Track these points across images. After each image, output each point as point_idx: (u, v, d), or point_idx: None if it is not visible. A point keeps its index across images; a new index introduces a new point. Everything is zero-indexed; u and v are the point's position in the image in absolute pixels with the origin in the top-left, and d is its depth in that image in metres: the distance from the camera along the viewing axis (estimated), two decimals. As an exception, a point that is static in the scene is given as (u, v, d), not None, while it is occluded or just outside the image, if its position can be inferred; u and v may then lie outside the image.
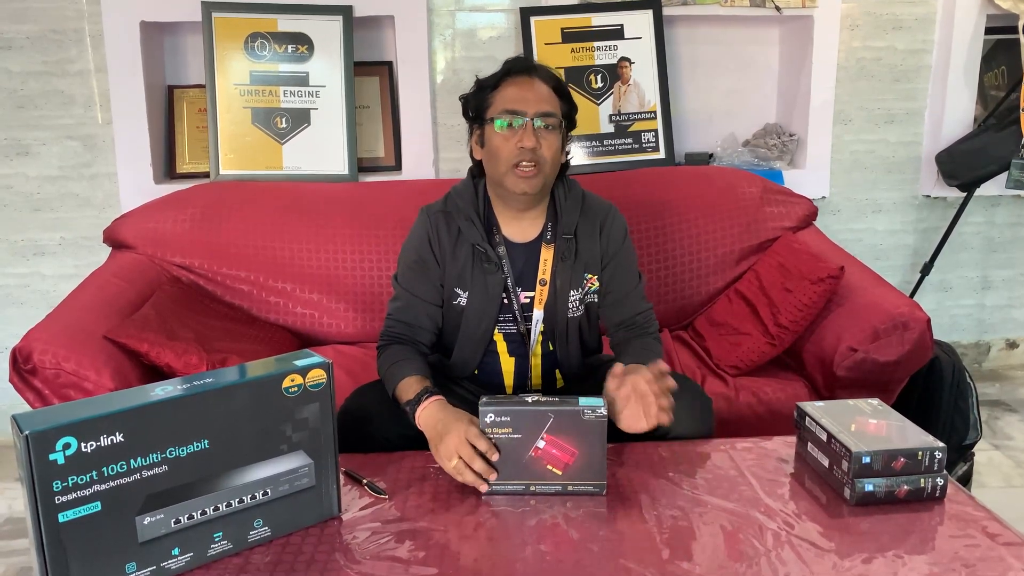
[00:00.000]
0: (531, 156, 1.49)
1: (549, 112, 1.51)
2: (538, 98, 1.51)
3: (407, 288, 1.61)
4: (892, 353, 1.80)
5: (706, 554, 1.14)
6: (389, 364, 1.53)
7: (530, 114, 1.49)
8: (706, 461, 1.42)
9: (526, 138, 1.49)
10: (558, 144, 1.54)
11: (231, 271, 2.16)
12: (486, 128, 1.54)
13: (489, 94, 1.54)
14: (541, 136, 1.50)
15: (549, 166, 1.53)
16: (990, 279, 3.03)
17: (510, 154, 1.50)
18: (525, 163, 1.50)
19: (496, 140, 1.52)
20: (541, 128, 1.50)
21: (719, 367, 2.02)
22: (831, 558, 1.12)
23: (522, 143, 1.49)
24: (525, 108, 1.50)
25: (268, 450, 1.15)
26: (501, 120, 1.50)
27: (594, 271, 1.63)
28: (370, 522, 1.23)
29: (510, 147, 1.50)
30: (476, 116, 1.57)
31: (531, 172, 1.50)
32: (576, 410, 1.27)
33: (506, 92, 1.53)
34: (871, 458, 1.23)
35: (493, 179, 1.57)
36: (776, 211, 2.34)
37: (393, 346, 1.57)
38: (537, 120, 1.50)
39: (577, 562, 1.12)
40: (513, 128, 1.50)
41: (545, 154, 1.51)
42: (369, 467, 1.39)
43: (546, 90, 1.53)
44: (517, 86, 1.52)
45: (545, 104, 1.51)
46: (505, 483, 1.28)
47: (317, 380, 1.18)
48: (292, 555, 1.15)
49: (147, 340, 1.75)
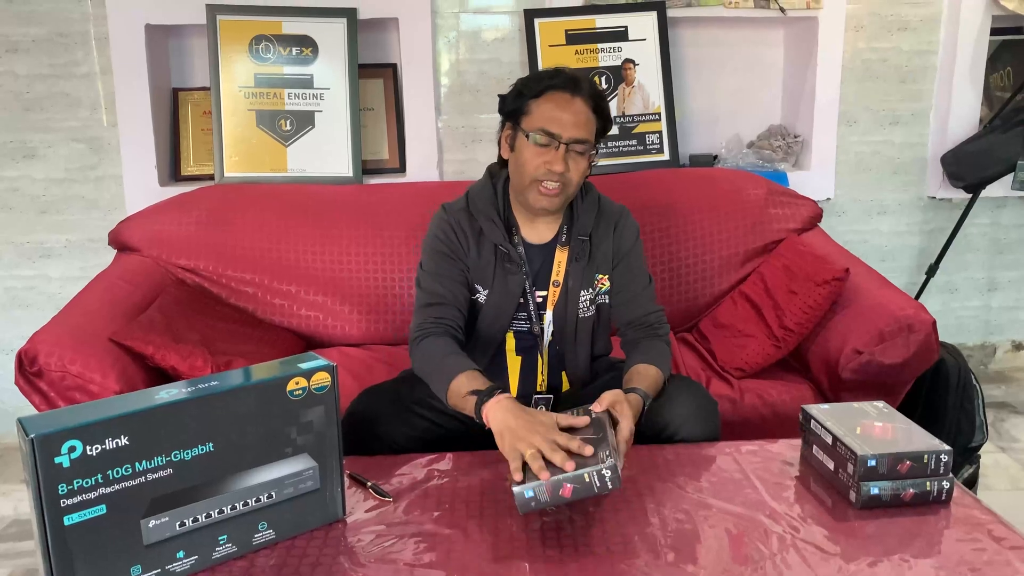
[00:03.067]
0: (558, 178, 1.50)
1: (584, 139, 1.51)
2: (575, 122, 1.50)
3: (435, 270, 1.58)
4: (898, 355, 1.79)
5: (711, 557, 1.14)
6: (439, 358, 1.47)
7: (564, 138, 1.49)
8: (711, 464, 1.41)
9: (556, 162, 1.49)
10: (586, 166, 1.55)
11: (236, 273, 2.16)
12: (518, 134, 1.54)
13: (528, 102, 1.52)
14: (571, 159, 1.51)
15: (573, 187, 1.55)
16: (996, 280, 3.02)
17: (536, 169, 1.51)
18: (550, 183, 1.51)
19: (526, 153, 1.52)
20: (573, 153, 1.51)
21: (724, 369, 2.02)
22: (836, 562, 1.12)
23: (551, 166, 1.50)
24: (561, 131, 1.49)
25: (273, 453, 1.15)
26: (535, 136, 1.50)
27: (605, 271, 1.64)
28: (375, 525, 1.23)
29: (538, 163, 1.51)
30: (511, 117, 1.56)
31: (554, 191, 1.52)
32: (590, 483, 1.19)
33: (545, 108, 1.51)
34: (877, 461, 1.23)
35: (516, 185, 1.58)
36: (781, 213, 2.33)
37: (436, 338, 1.51)
38: (571, 145, 1.50)
39: (582, 565, 1.12)
40: (545, 147, 1.50)
41: (572, 177, 1.53)
42: (374, 469, 1.39)
43: (585, 113, 1.51)
44: (557, 104, 1.50)
45: (582, 130, 1.51)
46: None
47: (321, 383, 1.18)
48: (297, 558, 1.15)
49: (152, 343, 1.75)
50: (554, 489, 1.16)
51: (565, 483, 1.16)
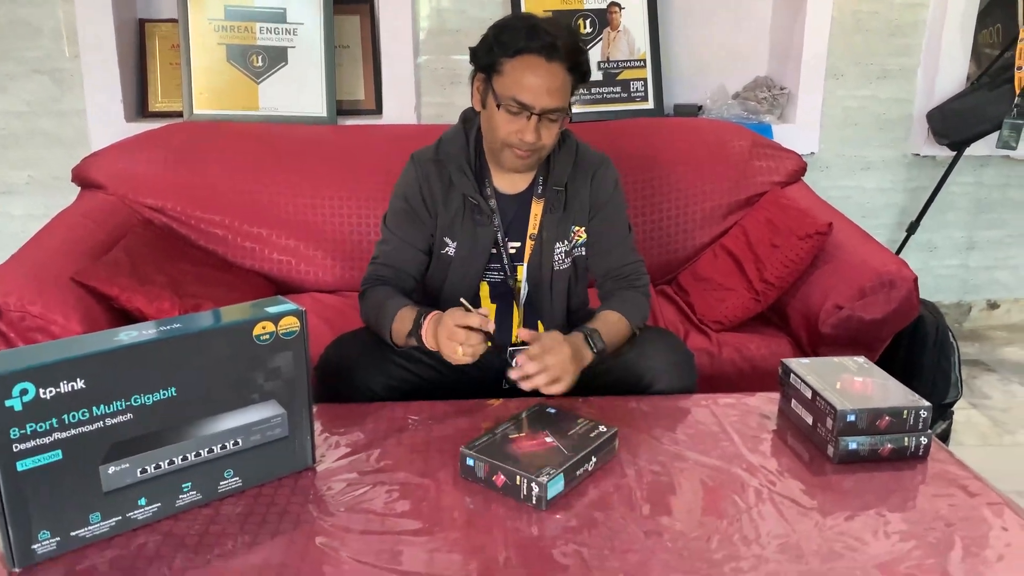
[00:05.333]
0: (529, 146, 1.45)
1: (557, 108, 1.43)
2: (550, 90, 1.41)
3: (396, 233, 1.57)
4: (878, 311, 1.78)
5: (686, 510, 1.12)
6: (379, 304, 1.49)
7: (537, 109, 1.42)
8: (687, 416, 1.40)
9: (528, 132, 1.43)
10: (559, 128, 1.49)
11: (205, 215, 2.09)
12: (489, 94, 1.45)
13: (500, 59, 1.42)
14: (543, 127, 1.45)
15: (547, 149, 1.50)
16: (975, 240, 3.02)
17: (509, 136, 1.45)
18: (522, 148, 1.45)
19: (497, 118, 1.45)
20: (546, 120, 1.44)
21: (703, 322, 2.00)
22: (813, 516, 1.11)
23: (523, 135, 1.43)
24: (534, 102, 1.41)
25: (239, 399, 1.11)
26: (507, 103, 1.42)
27: (581, 223, 1.59)
28: (346, 473, 1.20)
29: (510, 130, 1.44)
30: (483, 70, 1.47)
31: (526, 155, 1.47)
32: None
33: (518, 72, 1.41)
34: (856, 416, 1.21)
35: (488, 143, 1.52)
36: (765, 165, 2.30)
37: (378, 287, 1.54)
38: (543, 115, 1.43)
39: (556, 517, 1.10)
40: (516, 116, 1.43)
41: (545, 143, 1.47)
42: (346, 418, 1.36)
43: (561, 78, 1.42)
44: (531, 70, 1.40)
45: (556, 98, 1.42)
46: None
47: (290, 328, 1.13)
48: (264, 506, 1.11)
49: (117, 284, 1.69)
50: (490, 472, 1.15)
51: (500, 472, 1.14)
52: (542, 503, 1.11)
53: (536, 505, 1.11)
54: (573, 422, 1.26)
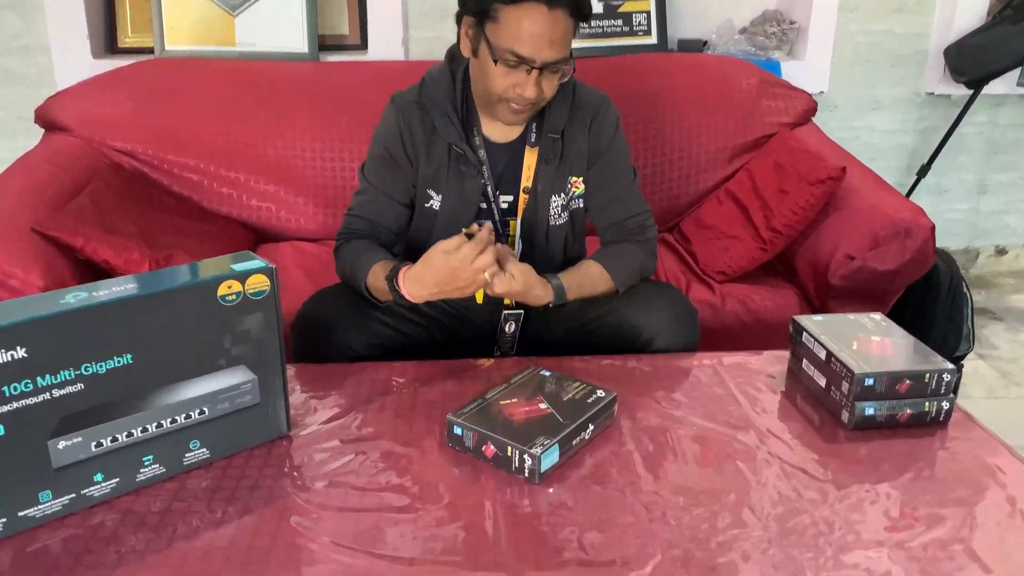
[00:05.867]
0: (528, 100, 1.31)
1: (560, 59, 1.29)
2: (552, 41, 1.26)
3: (374, 183, 1.45)
4: (892, 262, 1.68)
5: (690, 483, 1.04)
6: (353, 259, 1.38)
7: (538, 63, 1.27)
8: (690, 377, 1.31)
9: (528, 87, 1.29)
10: (560, 78, 1.35)
11: (179, 159, 1.97)
12: (483, 42, 1.30)
13: (494, 4, 1.26)
14: (544, 79, 1.31)
15: (546, 100, 1.36)
16: (987, 183, 2.90)
17: (505, 91, 1.31)
18: (519, 103, 1.32)
19: (492, 70, 1.30)
20: (547, 73, 1.30)
21: (705, 273, 1.90)
22: (824, 485, 1.03)
23: (522, 90, 1.30)
24: (534, 55, 1.26)
25: (204, 365, 1.02)
26: (504, 57, 1.28)
27: (579, 173, 1.47)
28: (324, 442, 1.11)
29: (506, 84, 1.30)
30: (473, 14, 1.30)
31: (524, 109, 1.34)
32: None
33: (516, 22, 1.25)
34: (875, 380, 1.12)
35: (479, 94, 1.38)
36: (774, 105, 2.17)
37: (353, 242, 1.43)
38: (545, 68, 1.29)
39: (550, 491, 1.02)
40: (515, 69, 1.29)
41: (546, 94, 1.33)
42: (325, 380, 1.27)
43: (564, 25, 1.27)
44: (532, 20, 1.24)
45: (558, 49, 1.28)
46: None
47: (259, 287, 1.03)
48: (234, 479, 1.03)
49: (82, 234, 1.58)
50: (479, 441, 1.06)
51: (490, 442, 1.05)
52: (535, 476, 1.02)
53: (529, 478, 1.03)
54: (569, 386, 1.17)
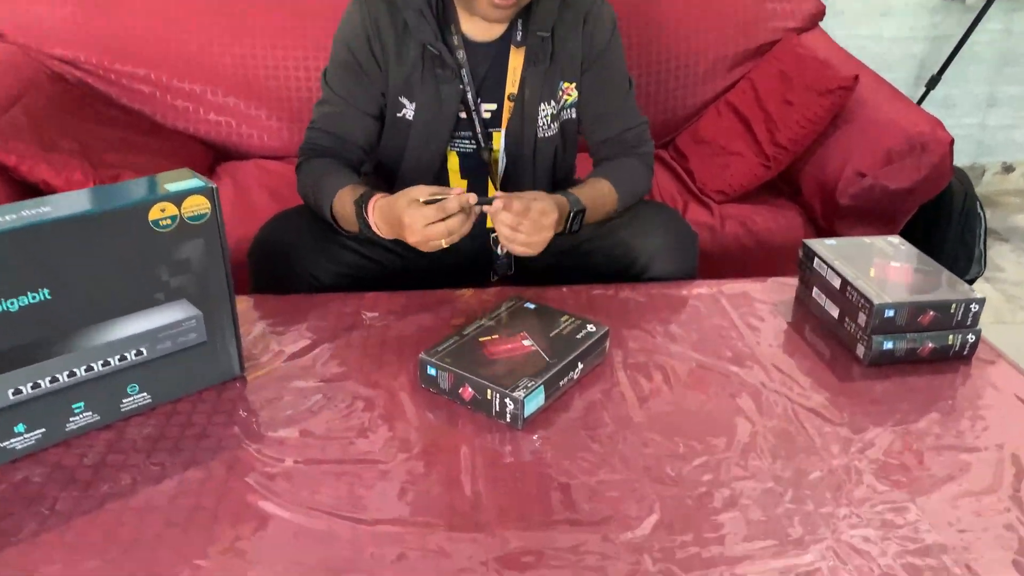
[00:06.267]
0: None
1: None
2: None
3: (338, 92, 1.29)
4: (906, 180, 1.56)
5: (690, 423, 0.94)
6: (315, 181, 1.24)
7: None
8: (689, 308, 1.19)
9: None
10: None
11: (127, 68, 1.79)
12: None
13: None
14: None
15: None
16: (997, 96, 2.75)
17: None
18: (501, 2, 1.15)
19: None
20: None
21: (703, 192, 1.77)
22: (839, 429, 0.93)
23: None
24: None
25: (139, 300, 0.89)
26: None
27: (572, 78, 1.31)
28: (282, 384, 1.00)
29: None
30: None
31: (508, 2, 1.15)
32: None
33: None
34: (895, 311, 1.01)
35: None
36: (779, 8, 1.99)
37: (316, 160, 1.28)
38: None
39: (534, 438, 0.91)
40: None
41: None
42: (285, 313, 1.15)
43: None
44: None
45: None
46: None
47: (198, 211, 0.89)
48: (178, 427, 0.92)
49: (16, 151, 1.43)
50: (456, 383, 0.95)
51: (467, 384, 0.94)
52: (518, 421, 0.92)
53: (511, 423, 0.92)
54: (556, 320, 1.05)
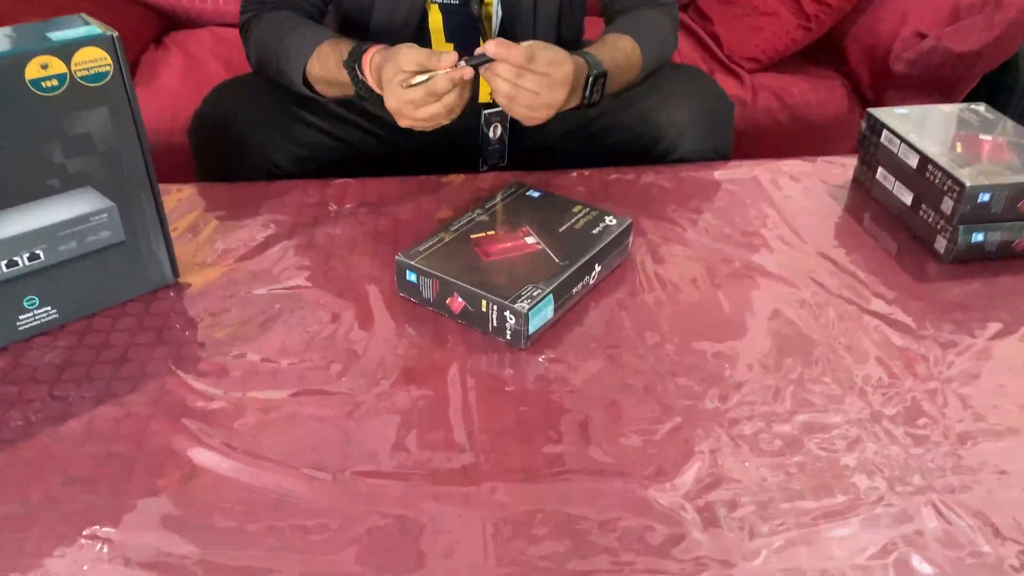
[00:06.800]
0: None
1: None
2: None
3: None
4: (974, 41, 1.33)
5: (735, 340, 0.75)
6: (278, 37, 1.00)
7: None
8: (725, 194, 1.00)
9: None
10: None
11: (51, -85, 1.52)
12: None
13: None
14: None
15: None
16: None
17: None
18: None
19: None
20: None
21: (731, 60, 1.56)
22: (923, 344, 0.74)
23: None
24: None
25: (25, 189, 0.69)
26: None
27: None
28: (226, 294, 0.81)
29: None
30: None
31: None
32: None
33: None
34: (992, 195, 0.81)
35: None
36: None
37: (270, 15, 1.04)
38: None
39: (540, 360, 0.73)
40: None
41: None
42: (233, 205, 0.95)
43: None
44: None
45: None
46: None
47: (95, 67, 0.68)
48: (92, 350, 0.73)
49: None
50: (442, 291, 0.76)
51: (456, 293, 0.74)
52: (521, 339, 0.73)
53: (512, 342, 0.74)
54: (567, 211, 0.85)
